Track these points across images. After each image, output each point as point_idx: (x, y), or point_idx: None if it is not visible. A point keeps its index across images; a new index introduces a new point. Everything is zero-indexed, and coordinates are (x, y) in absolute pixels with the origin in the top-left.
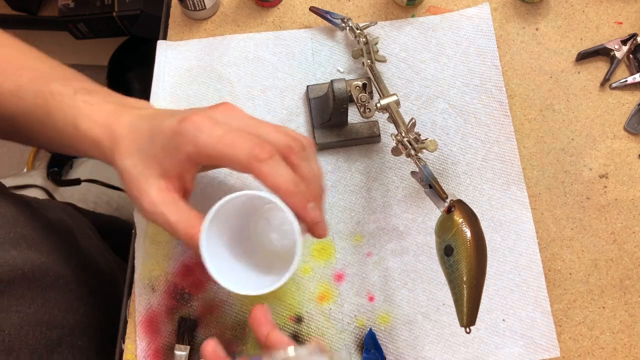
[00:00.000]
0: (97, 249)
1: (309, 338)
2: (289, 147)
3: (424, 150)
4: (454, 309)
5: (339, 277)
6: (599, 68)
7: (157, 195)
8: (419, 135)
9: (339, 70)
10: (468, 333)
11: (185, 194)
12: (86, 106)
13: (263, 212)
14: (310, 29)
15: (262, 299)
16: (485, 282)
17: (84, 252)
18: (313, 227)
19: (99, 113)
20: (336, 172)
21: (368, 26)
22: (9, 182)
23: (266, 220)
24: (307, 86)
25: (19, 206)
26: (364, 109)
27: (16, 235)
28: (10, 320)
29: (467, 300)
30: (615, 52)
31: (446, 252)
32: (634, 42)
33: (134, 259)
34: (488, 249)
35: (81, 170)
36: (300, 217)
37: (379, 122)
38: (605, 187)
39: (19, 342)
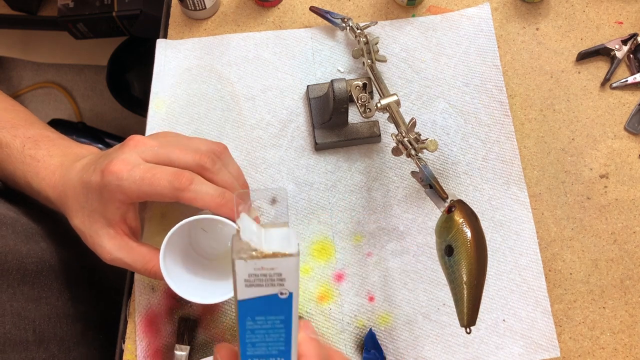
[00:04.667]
0: None
1: None
2: (201, 166)
3: (424, 150)
4: (454, 309)
5: (339, 277)
6: (600, 68)
7: (109, 244)
8: (419, 135)
9: (339, 70)
10: (468, 333)
11: (133, 231)
12: (33, 163)
13: (197, 224)
14: (310, 28)
15: None
16: (486, 282)
17: None
18: None
19: (45, 171)
20: (336, 172)
21: (368, 26)
22: None
23: (202, 230)
24: (307, 86)
25: (37, 204)
26: (364, 109)
27: (45, 228)
28: (40, 311)
29: (467, 300)
30: (616, 52)
31: (446, 252)
32: (635, 42)
33: None
34: (488, 249)
35: None
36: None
37: (379, 122)
38: (606, 187)
39: (49, 333)
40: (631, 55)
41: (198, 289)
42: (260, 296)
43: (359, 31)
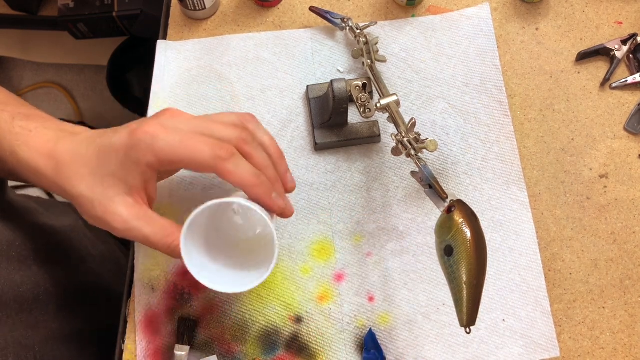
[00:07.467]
0: (96, 251)
1: (309, 338)
2: (242, 139)
3: (424, 150)
4: (454, 309)
5: (339, 277)
6: (599, 68)
7: (127, 212)
8: (419, 135)
9: (339, 70)
10: (468, 333)
11: (150, 203)
12: (24, 133)
13: (227, 206)
14: (310, 28)
15: (262, 298)
16: (485, 282)
17: (86, 259)
18: (282, 213)
19: (37, 140)
20: (336, 172)
21: (368, 26)
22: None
23: (232, 212)
24: (307, 86)
25: (29, 221)
26: (364, 109)
27: (32, 250)
28: (39, 336)
29: (467, 300)
30: (615, 52)
31: (446, 252)
32: (634, 42)
33: (134, 259)
34: (488, 249)
35: None
36: (267, 207)
37: (379, 122)
38: (606, 187)
39: (48, 356)
40: (631, 56)
41: (217, 276)
42: None
43: (358, 31)
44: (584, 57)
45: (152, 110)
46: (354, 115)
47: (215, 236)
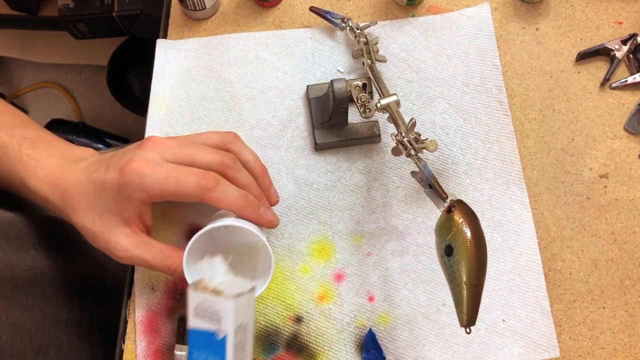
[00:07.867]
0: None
1: (309, 338)
2: (223, 164)
3: (424, 150)
4: (454, 309)
5: (339, 277)
6: (599, 68)
7: (126, 242)
8: (419, 135)
9: (339, 70)
10: (468, 333)
11: (148, 230)
12: (30, 162)
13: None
14: (310, 28)
15: (262, 298)
16: (485, 282)
17: (89, 251)
18: (270, 225)
19: (43, 171)
20: (336, 172)
21: (368, 26)
22: None
23: (224, 227)
24: (307, 86)
25: (37, 214)
26: (364, 109)
27: (38, 234)
28: (34, 319)
29: (467, 300)
30: (616, 52)
31: (446, 252)
32: (634, 42)
33: None
34: (488, 249)
35: None
36: (257, 223)
37: (379, 122)
38: (606, 187)
39: (45, 340)
40: (631, 56)
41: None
42: (203, 330)
43: (358, 31)
44: (584, 57)
45: (152, 110)
46: (354, 115)
47: (212, 251)
